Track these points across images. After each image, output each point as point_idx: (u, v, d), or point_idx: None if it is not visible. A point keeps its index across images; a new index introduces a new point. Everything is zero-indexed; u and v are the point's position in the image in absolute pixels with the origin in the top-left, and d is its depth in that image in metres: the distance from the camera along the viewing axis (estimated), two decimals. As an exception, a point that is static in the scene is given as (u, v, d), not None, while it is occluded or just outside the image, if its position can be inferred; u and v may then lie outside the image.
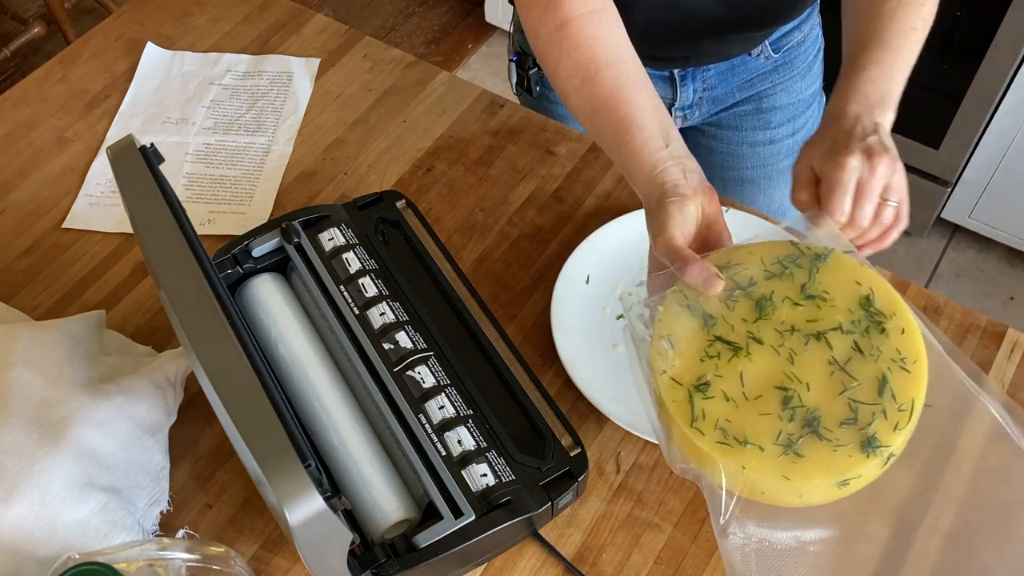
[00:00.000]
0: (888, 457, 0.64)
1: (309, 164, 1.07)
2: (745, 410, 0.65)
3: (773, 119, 1.10)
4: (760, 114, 1.10)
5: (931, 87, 1.77)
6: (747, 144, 1.13)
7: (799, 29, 1.05)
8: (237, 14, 1.22)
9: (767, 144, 1.12)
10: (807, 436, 0.64)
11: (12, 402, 0.75)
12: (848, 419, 0.64)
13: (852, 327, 0.67)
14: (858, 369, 0.66)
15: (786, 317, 0.68)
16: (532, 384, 0.79)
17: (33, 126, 1.10)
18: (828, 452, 0.63)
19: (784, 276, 0.70)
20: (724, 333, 0.68)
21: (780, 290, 0.69)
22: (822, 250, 0.70)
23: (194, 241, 0.69)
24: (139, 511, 0.77)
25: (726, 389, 0.66)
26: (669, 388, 0.66)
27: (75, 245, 1.00)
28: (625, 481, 0.83)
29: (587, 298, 0.92)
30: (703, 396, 0.66)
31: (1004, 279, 2.01)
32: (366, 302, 0.81)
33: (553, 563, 0.79)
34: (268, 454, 0.58)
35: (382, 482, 0.74)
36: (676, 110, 1.09)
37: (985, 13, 1.61)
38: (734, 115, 1.11)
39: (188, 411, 0.86)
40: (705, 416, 0.65)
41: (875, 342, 0.67)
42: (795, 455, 0.63)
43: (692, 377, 0.66)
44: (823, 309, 0.68)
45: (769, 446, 0.63)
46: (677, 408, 0.66)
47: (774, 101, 1.09)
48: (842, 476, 0.63)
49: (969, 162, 1.86)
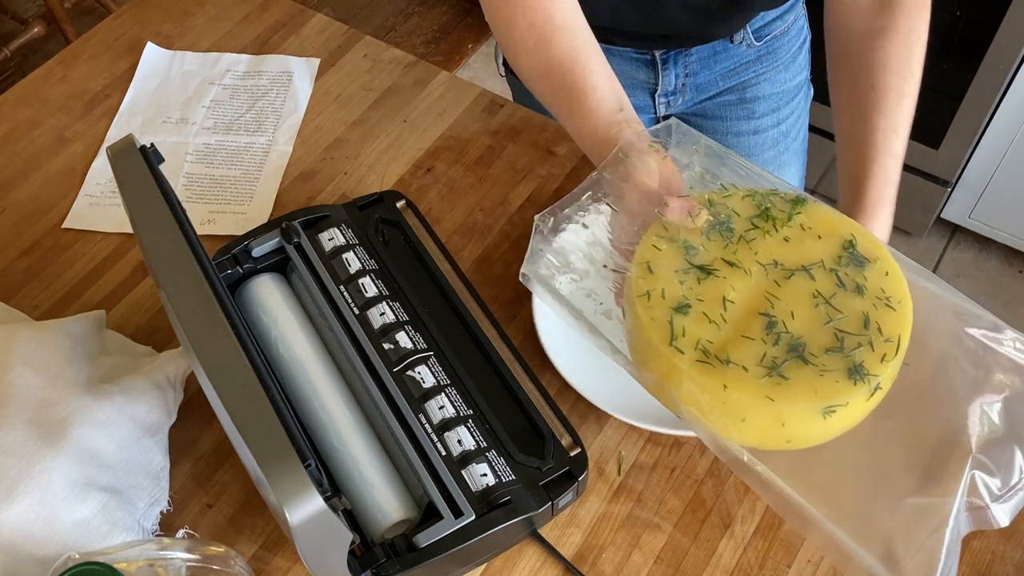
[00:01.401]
0: (875, 388, 0.62)
1: (309, 164, 1.07)
2: (728, 333, 0.63)
3: (757, 109, 1.11)
4: (744, 104, 1.11)
5: (931, 87, 1.77)
6: (732, 134, 1.14)
7: (782, 19, 1.06)
8: (237, 14, 1.22)
9: (752, 134, 1.13)
10: (792, 360, 0.62)
11: (12, 402, 0.75)
12: (834, 347, 0.62)
13: (835, 264, 0.66)
14: (842, 303, 0.65)
15: (767, 250, 0.67)
16: (532, 384, 0.79)
17: (33, 126, 1.10)
18: (814, 376, 0.61)
19: (763, 216, 0.69)
20: (706, 262, 0.67)
21: (761, 226, 0.68)
22: (801, 195, 0.70)
23: (194, 241, 0.69)
24: (139, 511, 0.77)
25: (708, 312, 0.64)
26: (646, 307, 0.65)
27: (75, 245, 1.00)
28: (625, 481, 0.83)
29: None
30: (683, 315, 0.64)
31: (1004, 279, 2.01)
32: (366, 302, 0.81)
33: (553, 563, 0.79)
34: (268, 454, 0.58)
35: (382, 482, 0.74)
36: (660, 96, 1.10)
37: (985, 13, 1.61)
38: (718, 105, 1.12)
39: (188, 411, 0.86)
40: (685, 335, 0.63)
41: (858, 280, 0.66)
42: (780, 377, 0.61)
43: (672, 301, 0.65)
44: (805, 246, 0.67)
45: (753, 367, 0.62)
46: (656, 327, 0.64)
47: (757, 91, 1.10)
48: (829, 402, 0.61)
49: (969, 162, 1.86)
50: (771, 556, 0.79)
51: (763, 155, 1.16)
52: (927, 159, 1.88)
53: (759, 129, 1.13)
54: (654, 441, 0.85)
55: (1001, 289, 2.00)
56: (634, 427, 0.86)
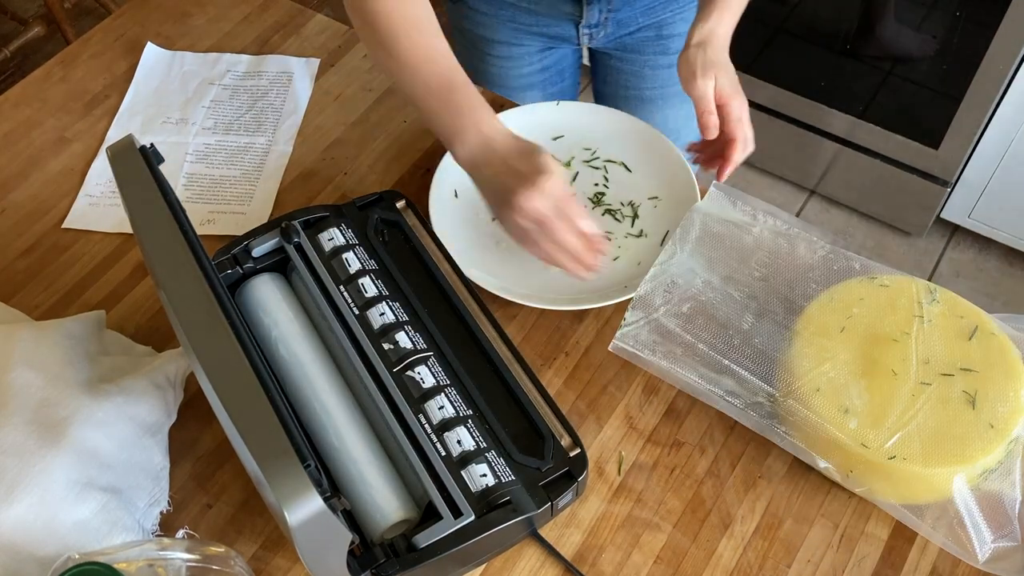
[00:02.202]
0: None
1: (309, 164, 1.07)
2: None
3: (672, 45, 1.19)
4: (660, 40, 1.19)
5: (931, 87, 1.77)
6: (648, 67, 1.22)
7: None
8: (237, 14, 1.22)
9: (667, 68, 1.21)
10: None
11: (12, 402, 0.75)
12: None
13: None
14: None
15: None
16: (531, 384, 0.79)
17: (33, 126, 1.10)
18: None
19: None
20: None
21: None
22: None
23: (194, 241, 0.69)
24: (139, 511, 0.77)
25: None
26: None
27: (75, 245, 1.00)
28: (625, 481, 0.83)
29: (460, 209, 1.00)
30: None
31: (1004, 279, 2.01)
32: (366, 302, 0.81)
33: (553, 563, 0.79)
34: (268, 454, 0.58)
35: (382, 482, 0.74)
36: (583, 27, 1.16)
37: (985, 13, 1.61)
38: (637, 40, 1.19)
39: (188, 411, 0.86)
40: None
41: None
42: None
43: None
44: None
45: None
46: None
47: (673, 29, 1.18)
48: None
49: (969, 162, 1.86)
50: (771, 556, 0.79)
51: (675, 87, 1.23)
52: (927, 159, 1.88)
53: (673, 63, 1.21)
54: (654, 441, 0.86)
55: (1001, 289, 2.00)
56: (634, 427, 0.86)
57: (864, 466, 0.76)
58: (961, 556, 0.74)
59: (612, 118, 1.06)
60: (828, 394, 0.77)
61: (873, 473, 0.76)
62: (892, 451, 0.74)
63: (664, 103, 1.25)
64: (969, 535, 0.74)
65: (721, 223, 0.88)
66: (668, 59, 1.20)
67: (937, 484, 0.74)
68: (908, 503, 0.77)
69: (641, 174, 1.03)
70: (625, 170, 1.03)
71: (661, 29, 1.18)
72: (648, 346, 0.82)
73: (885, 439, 0.75)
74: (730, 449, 0.85)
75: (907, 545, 0.80)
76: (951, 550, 0.75)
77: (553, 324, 0.93)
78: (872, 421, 0.75)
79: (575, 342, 0.91)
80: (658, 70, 1.22)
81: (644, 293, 0.83)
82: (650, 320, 0.83)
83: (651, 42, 1.19)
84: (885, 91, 1.83)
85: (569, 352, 0.91)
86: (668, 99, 1.25)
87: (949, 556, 0.79)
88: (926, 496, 0.75)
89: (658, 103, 1.25)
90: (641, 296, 0.83)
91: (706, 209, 0.89)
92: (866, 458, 0.75)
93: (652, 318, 0.83)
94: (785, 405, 0.78)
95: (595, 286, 0.92)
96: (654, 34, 1.18)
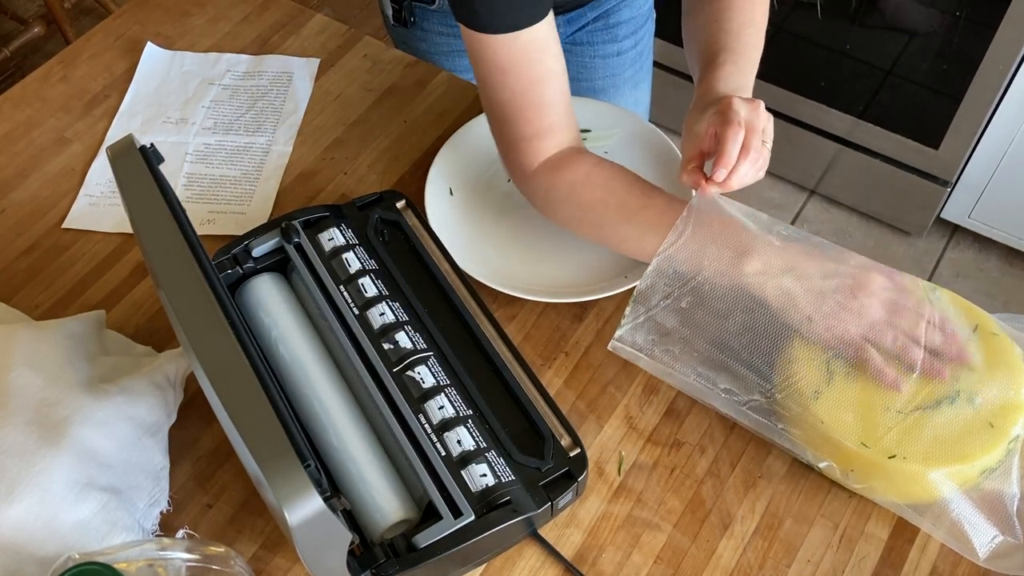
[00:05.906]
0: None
1: (309, 164, 1.07)
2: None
3: (619, 32, 1.23)
4: (608, 29, 1.23)
5: (931, 87, 1.77)
6: (599, 57, 1.26)
7: None
8: (237, 14, 1.22)
9: (615, 56, 1.25)
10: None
11: (12, 402, 0.75)
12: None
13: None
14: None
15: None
16: (531, 384, 0.79)
17: (33, 126, 1.10)
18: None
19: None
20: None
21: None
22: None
23: (194, 241, 0.69)
24: (139, 511, 0.77)
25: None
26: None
27: (75, 245, 1.00)
28: (625, 481, 0.83)
29: (456, 206, 1.00)
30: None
31: (1004, 279, 2.01)
32: (366, 302, 0.81)
33: (553, 563, 0.79)
34: (268, 454, 0.58)
35: (382, 482, 0.74)
36: None
37: (985, 13, 1.61)
38: (587, 32, 1.24)
39: (188, 411, 0.86)
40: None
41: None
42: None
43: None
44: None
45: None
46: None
47: (619, 16, 1.22)
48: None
49: (969, 162, 1.86)
50: (771, 556, 0.79)
51: (624, 73, 1.29)
52: (927, 159, 1.88)
53: (621, 51, 1.27)
54: (654, 441, 0.86)
55: (1000, 289, 2.00)
56: (634, 427, 0.86)
57: (864, 465, 0.76)
58: (962, 553, 0.74)
59: (604, 110, 1.07)
60: (828, 393, 0.77)
61: (873, 472, 0.76)
62: (892, 450, 0.74)
63: (616, 91, 1.29)
64: (970, 532, 0.74)
65: (721, 215, 0.88)
66: (616, 46, 1.24)
67: (937, 483, 0.74)
68: (908, 502, 0.77)
69: (638, 171, 1.02)
70: None
71: (608, 18, 1.21)
72: (647, 346, 0.82)
73: (885, 438, 0.74)
74: (730, 449, 0.85)
75: (907, 545, 0.80)
76: (952, 546, 0.75)
77: (553, 324, 0.93)
78: (872, 420, 0.75)
79: (575, 342, 0.91)
80: (608, 59, 1.25)
81: (645, 287, 0.83)
82: (649, 317, 0.83)
83: (600, 32, 1.23)
84: (885, 91, 1.83)
85: (569, 352, 0.91)
86: (619, 87, 1.29)
87: (949, 556, 0.79)
88: (926, 495, 0.75)
89: (609, 92, 1.29)
90: (642, 291, 0.83)
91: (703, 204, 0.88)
92: (866, 457, 0.75)
93: (651, 315, 0.83)
94: (784, 404, 0.78)
95: (596, 278, 0.93)
96: (602, 24, 1.22)
